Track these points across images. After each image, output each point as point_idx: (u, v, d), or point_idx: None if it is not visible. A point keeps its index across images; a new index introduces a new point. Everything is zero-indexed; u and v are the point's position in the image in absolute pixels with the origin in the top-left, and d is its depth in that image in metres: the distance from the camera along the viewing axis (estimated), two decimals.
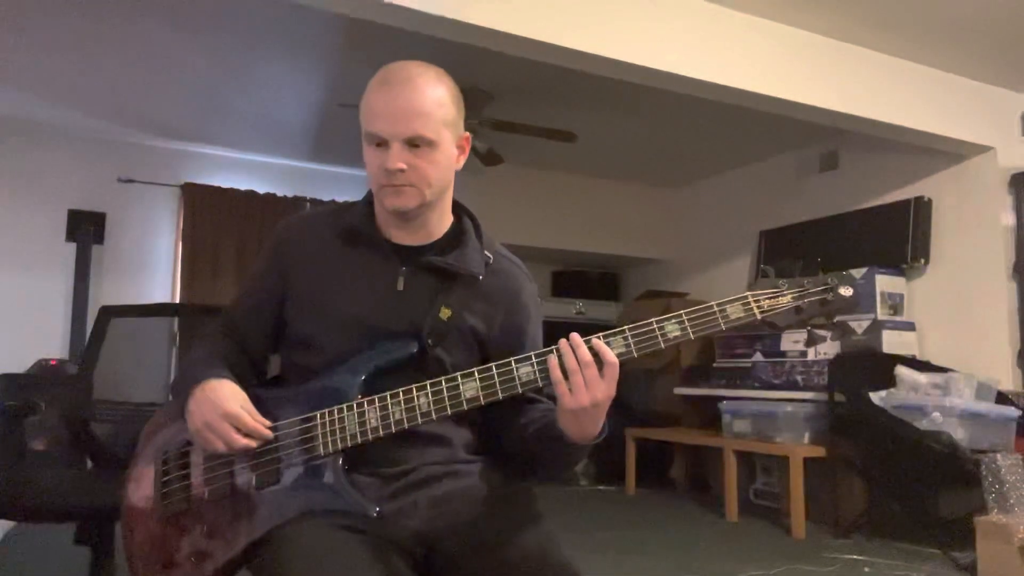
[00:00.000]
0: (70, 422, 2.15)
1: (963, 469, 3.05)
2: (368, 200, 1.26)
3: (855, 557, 3.14)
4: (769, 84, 3.33)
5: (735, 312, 1.12)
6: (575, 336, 1.07)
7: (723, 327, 1.11)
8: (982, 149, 3.98)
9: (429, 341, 1.17)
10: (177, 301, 4.97)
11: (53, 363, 4.37)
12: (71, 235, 4.80)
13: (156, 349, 2.23)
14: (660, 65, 3.08)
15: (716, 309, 1.11)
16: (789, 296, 1.13)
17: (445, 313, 1.19)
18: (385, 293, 1.20)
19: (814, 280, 1.15)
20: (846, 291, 1.14)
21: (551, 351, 1.08)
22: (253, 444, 1.12)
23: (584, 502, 4.52)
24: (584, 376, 1.04)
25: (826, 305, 1.14)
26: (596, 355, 1.06)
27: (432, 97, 1.15)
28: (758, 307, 1.12)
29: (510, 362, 1.10)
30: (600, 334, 1.08)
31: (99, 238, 4.88)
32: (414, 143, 1.14)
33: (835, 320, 1.15)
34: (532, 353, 1.10)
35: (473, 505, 1.17)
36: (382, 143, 1.14)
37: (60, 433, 3.84)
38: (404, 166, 1.13)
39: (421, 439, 1.18)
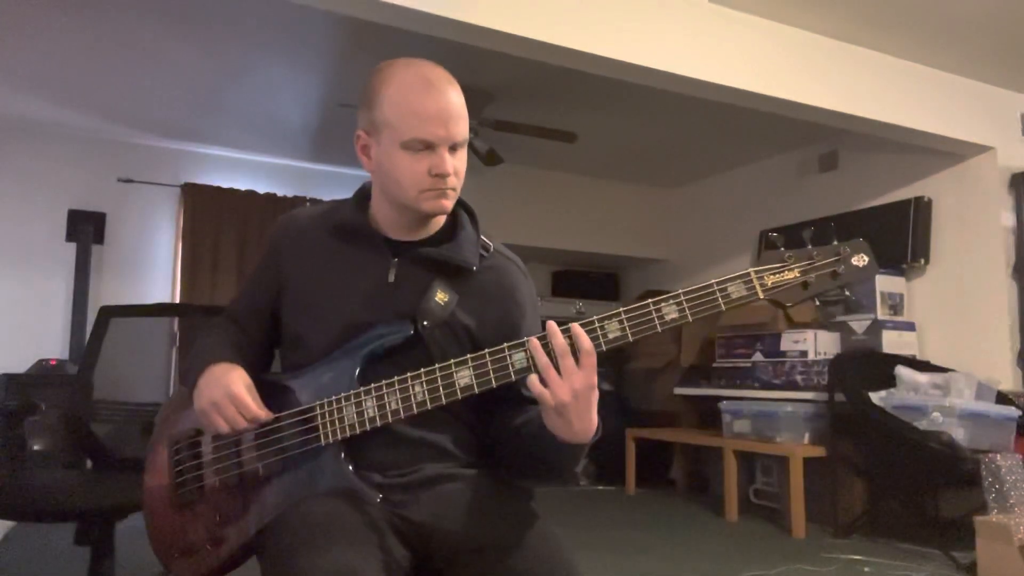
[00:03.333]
0: (70, 422, 2.15)
1: (963, 469, 3.05)
2: (359, 198, 1.26)
3: (855, 557, 3.14)
4: (769, 84, 3.33)
5: (736, 291, 1.04)
6: (551, 324, 1.02)
7: (724, 307, 1.04)
8: (982, 149, 3.98)
9: (424, 323, 1.16)
10: (177, 301, 4.96)
11: (53, 363, 4.38)
12: (71, 235, 4.80)
13: (156, 349, 2.23)
14: (660, 65, 3.08)
15: (716, 288, 1.04)
16: (796, 270, 1.06)
17: (441, 297, 1.17)
18: (375, 287, 1.20)
19: (823, 250, 1.07)
20: (859, 260, 1.05)
21: (544, 337, 1.05)
22: (253, 427, 1.14)
23: (584, 502, 4.52)
24: (560, 367, 1.00)
25: (837, 277, 1.06)
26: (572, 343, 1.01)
27: (462, 98, 1.16)
28: (761, 285, 1.05)
29: (503, 349, 1.08)
30: (596, 317, 1.05)
31: (99, 238, 4.88)
32: (457, 146, 1.15)
33: (846, 293, 1.07)
34: (525, 339, 1.07)
35: (473, 506, 1.16)
36: (428, 147, 1.13)
37: (60, 433, 3.84)
38: (453, 170, 1.14)
39: (420, 444, 1.18)
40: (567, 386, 1.00)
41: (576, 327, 1.03)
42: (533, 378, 1.02)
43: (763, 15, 3.33)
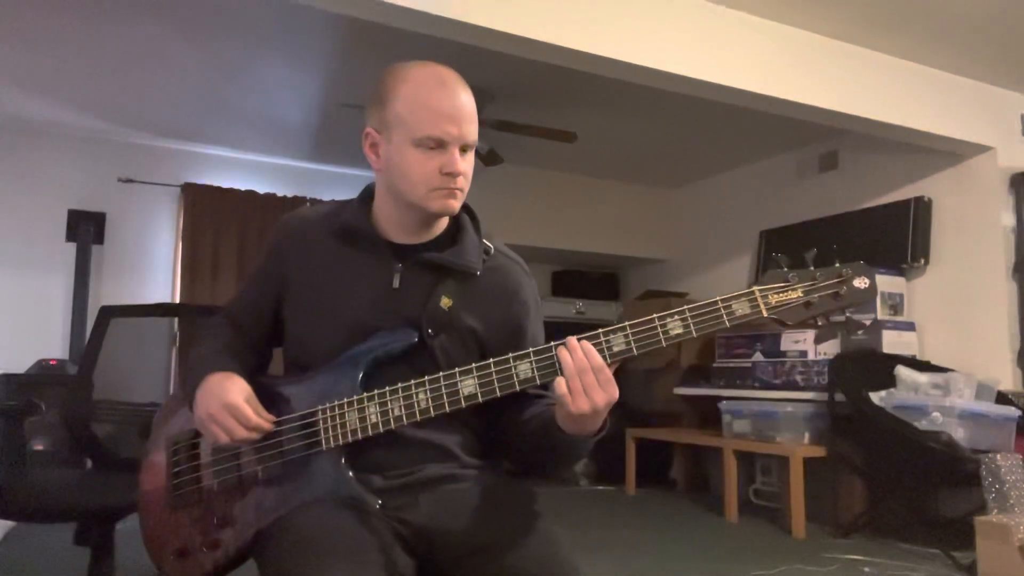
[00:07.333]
0: (70, 422, 2.15)
1: (963, 469, 3.05)
2: (363, 199, 1.26)
3: (855, 557, 3.14)
4: (769, 84, 3.33)
5: (741, 308, 1.06)
6: (571, 340, 1.05)
7: (728, 324, 1.05)
8: (982, 149, 3.98)
9: (429, 331, 1.16)
10: (177, 301, 4.96)
11: (53, 363, 4.37)
12: (71, 235, 4.80)
13: (156, 349, 2.23)
14: (660, 65, 3.08)
15: (721, 306, 1.06)
16: (800, 290, 1.07)
17: (446, 303, 1.18)
18: (380, 291, 1.19)
19: (826, 272, 1.08)
20: (861, 282, 1.07)
21: (550, 348, 1.07)
22: (254, 436, 1.13)
23: (584, 502, 4.52)
24: (582, 382, 1.02)
25: (839, 299, 1.07)
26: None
27: (474, 102, 1.17)
28: (765, 304, 1.06)
29: (508, 359, 1.08)
30: (601, 330, 1.06)
31: (99, 238, 4.88)
32: (467, 148, 1.16)
33: (847, 315, 1.09)
34: (531, 350, 1.08)
35: (475, 507, 1.16)
36: (440, 145, 1.13)
37: (60, 433, 3.84)
38: (462, 171, 1.15)
39: (422, 445, 1.18)
40: (588, 400, 1.02)
41: (586, 344, 1.04)
42: (560, 381, 1.03)
43: (763, 15, 3.33)
